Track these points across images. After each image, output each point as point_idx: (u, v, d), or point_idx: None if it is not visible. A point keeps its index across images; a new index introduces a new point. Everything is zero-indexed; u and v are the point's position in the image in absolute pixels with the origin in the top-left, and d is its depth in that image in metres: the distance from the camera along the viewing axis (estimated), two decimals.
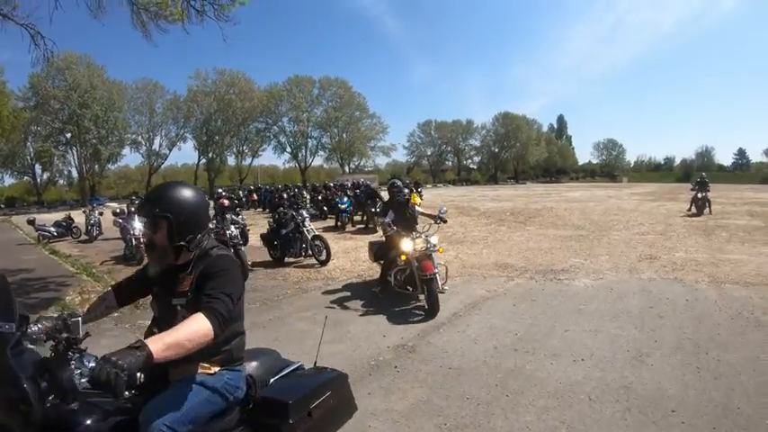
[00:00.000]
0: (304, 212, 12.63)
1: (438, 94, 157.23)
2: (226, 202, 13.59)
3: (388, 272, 8.12)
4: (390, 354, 5.65)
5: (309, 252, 12.05)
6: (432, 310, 7.06)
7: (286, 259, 12.33)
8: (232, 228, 11.24)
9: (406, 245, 7.64)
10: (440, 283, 7.71)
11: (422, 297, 7.53)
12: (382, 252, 8.75)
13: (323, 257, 11.70)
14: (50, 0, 10.96)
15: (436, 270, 7.42)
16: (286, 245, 12.26)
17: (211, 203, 22.56)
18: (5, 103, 39.21)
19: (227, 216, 11.65)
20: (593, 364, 5.07)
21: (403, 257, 7.75)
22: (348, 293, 8.79)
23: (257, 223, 19.29)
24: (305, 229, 12.08)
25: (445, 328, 6.47)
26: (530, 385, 4.65)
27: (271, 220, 13.51)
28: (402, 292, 7.99)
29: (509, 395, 4.46)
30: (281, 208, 14.15)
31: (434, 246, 7.79)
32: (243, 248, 10.77)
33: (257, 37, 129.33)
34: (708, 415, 3.97)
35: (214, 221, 11.45)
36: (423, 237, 7.86)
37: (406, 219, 8.40)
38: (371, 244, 9.48)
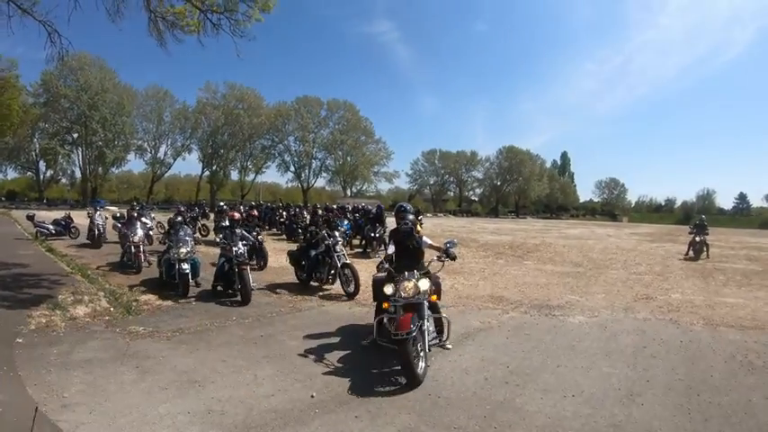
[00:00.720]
0: (338, 235, 11.61)
1: (443, 123, 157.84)
2: (237, 215, 12.33)
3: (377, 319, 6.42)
4: (381, 378, 5.62)
5: (337, 280, 11.01)
6: (408, 381, 5.39)
7: (312, 284, 11.42)
8: (240, 245, 10.40)
9: (388, 289, 6.16)
10: (428, 344, 5.90)
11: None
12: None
13: (351, 289, 10.49)
14: (70, 0, 11.20)
15: (414, 328, 5.49)
16: (313, 267, 11.30)
17: (211, 216, 22.33)
18: (16, 97, 39.57)
19: (237, 231, 10.88)
20: (583, 401, 5.04)
21: (386, 304, 6.20)
22: (337, 322, 8.71)
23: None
24: (336, 254, 11.00)
25: (437, 357, 6.39)
26: (518, 418, 4.61)
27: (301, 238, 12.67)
28: (387, 346, 6.07)
29: (497, 427, 4.43)
30: (314, 227, 12.76)
31: (424, 293, 6.12)
32: (247, 269, 9.91)
33: (268, 54, 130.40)
34: None
35: (221, 236, 10.96)
36: (413, 280, 6.14)
37: (408, 252, 6.82)
38: (375, 281, 7.41)
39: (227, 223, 12.35)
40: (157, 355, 6.29)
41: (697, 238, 19.97)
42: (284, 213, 26.59)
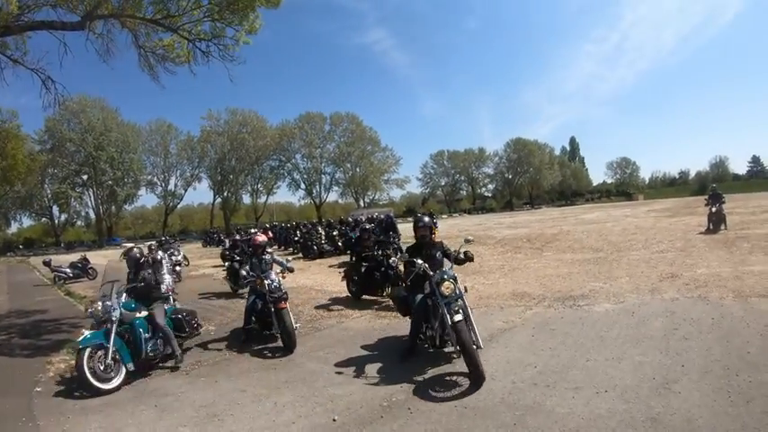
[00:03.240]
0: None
1: (448, 124, 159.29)
2: (260, 238, 9.10)
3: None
4: (403, 394, 5.41)
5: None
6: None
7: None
8: (272, 275, 8.26)
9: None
10: None
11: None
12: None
13: None
14: (60, 45, 11.32)
15: None
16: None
17: (227, 242, 22.19)
18: (20, 147, 40.48)
19: (267, 258, 8.69)
20: (617, 396, 4.80)
21: None
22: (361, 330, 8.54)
23: None
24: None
25: (461, 364, 6.14)
26: (550, 422, 4.39)
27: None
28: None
29: None
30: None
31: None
32: (287, 306, 7.84)
33: (266, 76, 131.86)
34: None
35: (246, 267, 8.59)
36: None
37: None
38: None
39: (251, 250, 10.61)
40: (176, 392, 6.21)
41: (713, 209, 19.28)
42: (298, 232, 26.83)
